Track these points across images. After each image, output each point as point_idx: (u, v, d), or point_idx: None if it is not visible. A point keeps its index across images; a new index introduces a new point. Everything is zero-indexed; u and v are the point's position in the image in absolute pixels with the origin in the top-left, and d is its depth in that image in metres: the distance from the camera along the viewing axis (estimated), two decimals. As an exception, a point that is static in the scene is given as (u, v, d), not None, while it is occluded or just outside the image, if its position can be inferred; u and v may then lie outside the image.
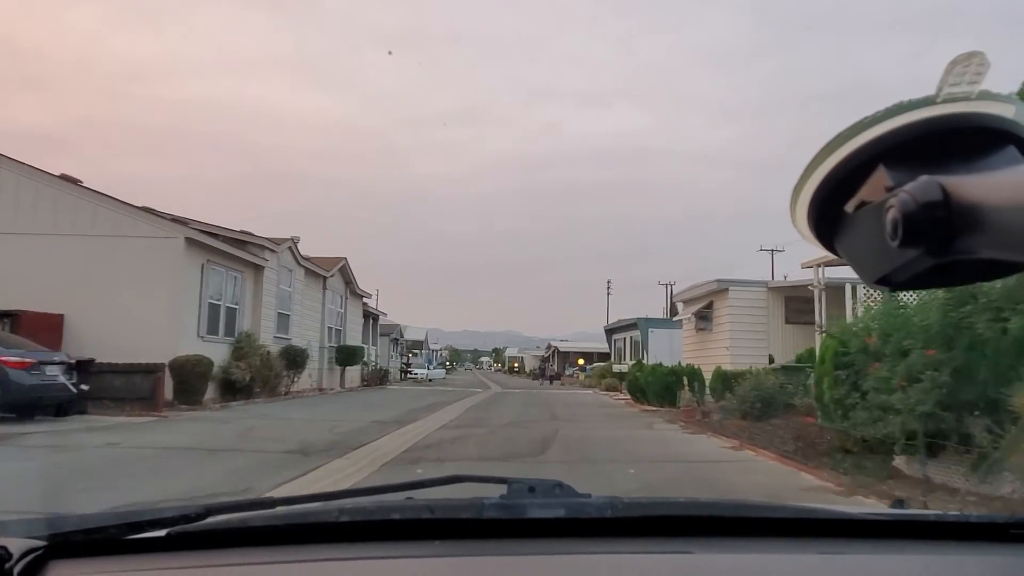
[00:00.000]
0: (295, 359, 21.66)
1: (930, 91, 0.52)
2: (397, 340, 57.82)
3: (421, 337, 70.48)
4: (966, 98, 0.52)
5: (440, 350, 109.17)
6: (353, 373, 31.19)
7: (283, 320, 22.56)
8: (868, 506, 2.46)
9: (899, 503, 1.56)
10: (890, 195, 0.49)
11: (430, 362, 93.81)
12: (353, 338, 31.39)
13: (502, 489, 1.12)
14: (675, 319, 28.60)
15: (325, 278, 27.41)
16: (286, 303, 22.81)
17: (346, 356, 28.53)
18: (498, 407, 21.37)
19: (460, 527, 1.09)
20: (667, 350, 29.74)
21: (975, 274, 0.53)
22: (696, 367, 19.98)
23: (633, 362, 33.93)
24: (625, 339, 36.33)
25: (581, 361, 53.83)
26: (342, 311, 30.22)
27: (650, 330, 32.29)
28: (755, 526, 1.16)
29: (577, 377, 51.83)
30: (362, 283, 32.13)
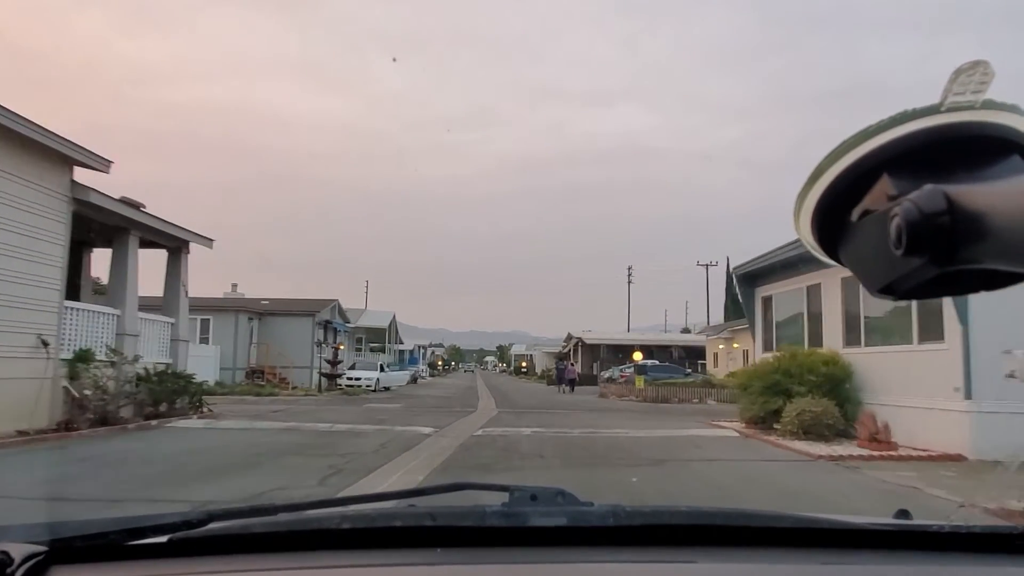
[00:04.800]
0: None
1: (937, 92, 0.52)
2: (330, 324, 35.50)
3: (383, 324, 47.86)
4: (970, 107, 0.51)
5: (427, 346, 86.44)
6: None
7: None
8: (871, 517, 1.22)
9: (903, 513, 1.27)
10: (894, 203, 0.49)
11: (414, 360, 71.51)
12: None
13: (504, 497, 1.11)
14: None
15: None
16: None
17: None
18: None
19: (462, 535, 1.07)
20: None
21: (979, 284, 0.52)
22: None
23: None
24: (835, 286, 13.54)
25: (638, 356, 31.03)
26: None
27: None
28: (758, 535, 1.12)
29: (634, 383, 29.27)
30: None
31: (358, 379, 32.55)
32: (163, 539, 1.00)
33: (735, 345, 41.04)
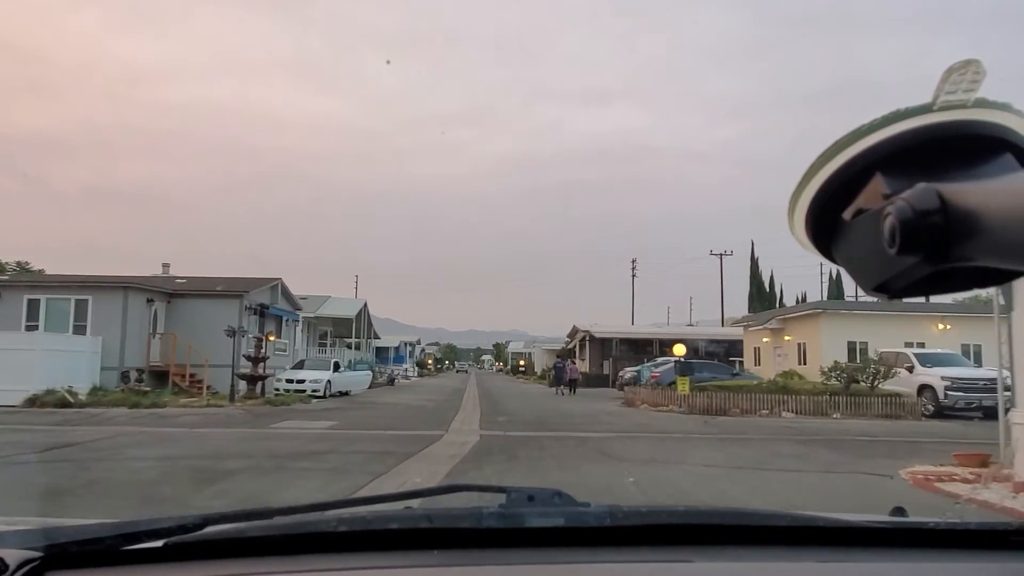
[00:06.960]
0: None
1: (930, 91, 0.53)
2: (267, 310, 27.11)
3: (350, 314, 39.39)
4: (962, 105, 0.52)
5: (416, 343, 78.11)
6: None
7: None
8: (867, 515, 1.33)
9: (898, 511, 1.30)
10: (887, 202, 0.49)
11: (400, 359, 63.48)
12: None
13: (501, 498, 1.10)
14: None
15: None
16: None
17: None
18: None
19: (459, 536, 1.06)
20: None
21: (973, 282, 0.52)
22: None
23: None
24: None
25: (680, 349, 22.59)
26: None
27: None
28: (754, 534, 1.12)
29: (674, 386, 20.98)
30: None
31: (301, 381, 24.36)
32: (159, 544, 0.99)
33: (786, 338, 32.76)
